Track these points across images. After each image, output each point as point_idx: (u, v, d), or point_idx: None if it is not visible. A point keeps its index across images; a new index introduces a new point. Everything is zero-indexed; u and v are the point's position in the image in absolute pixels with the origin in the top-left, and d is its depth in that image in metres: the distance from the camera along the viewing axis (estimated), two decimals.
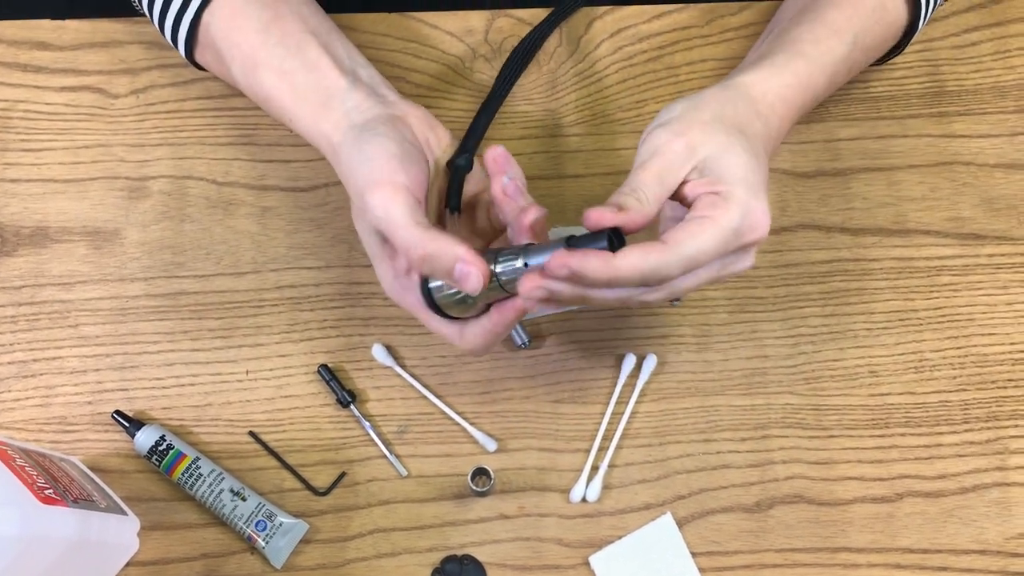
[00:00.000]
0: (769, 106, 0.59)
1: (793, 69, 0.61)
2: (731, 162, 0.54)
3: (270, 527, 0.64)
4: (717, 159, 0.55)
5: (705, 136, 0.55)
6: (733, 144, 0.55)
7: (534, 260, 0.54)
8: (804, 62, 0.61)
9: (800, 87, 0.61)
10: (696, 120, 0.56)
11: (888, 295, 0.71)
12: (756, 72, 0.60)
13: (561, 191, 0.72)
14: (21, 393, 0.67)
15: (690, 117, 0.56)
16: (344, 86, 0.60)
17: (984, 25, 0.77)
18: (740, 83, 0.59)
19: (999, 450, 0.67)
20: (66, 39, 0.75)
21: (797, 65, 0.61)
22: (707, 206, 0.53)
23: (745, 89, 0.59)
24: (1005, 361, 0.69)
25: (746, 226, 0.53)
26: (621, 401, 0.68)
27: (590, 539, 0.65)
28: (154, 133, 0.73)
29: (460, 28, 0.76)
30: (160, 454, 0.65)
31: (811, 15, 0.64)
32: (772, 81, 0.60)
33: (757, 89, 0.59)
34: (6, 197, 0.71)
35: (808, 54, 0.62)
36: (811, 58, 0.62)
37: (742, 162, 0.55)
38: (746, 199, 0.53)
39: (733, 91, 0.59)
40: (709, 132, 0.55)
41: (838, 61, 0.63)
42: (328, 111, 0.60)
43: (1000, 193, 0.73)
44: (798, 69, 0.61)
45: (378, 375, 0.68)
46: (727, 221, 0.52)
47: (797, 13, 0.66)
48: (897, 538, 0.66)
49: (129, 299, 0.69)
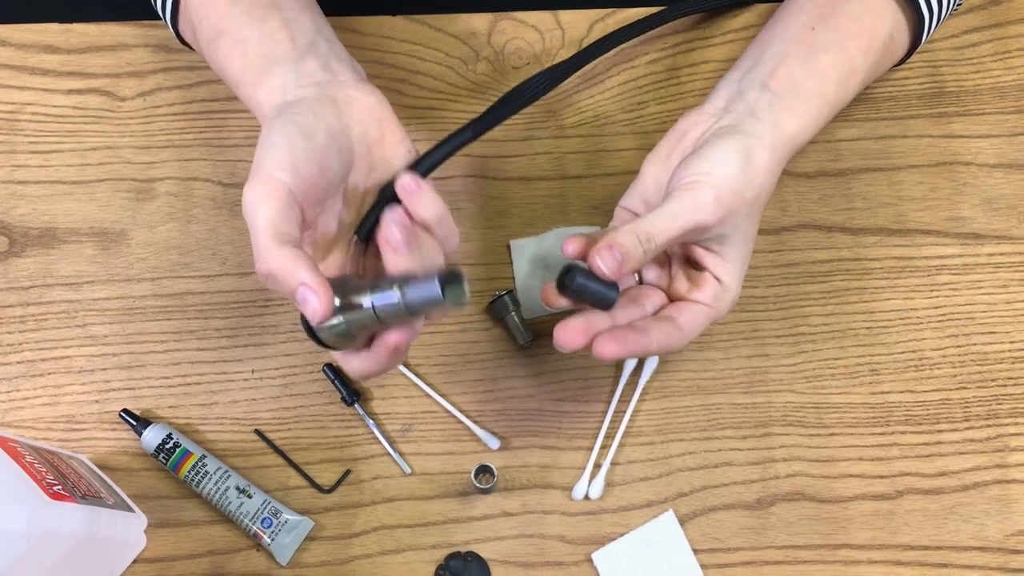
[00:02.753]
0: (790, 155, 0.61)
1: (819, 117, 0.62)
2: (742, 251, 0.59)
3: (275, 524, 0.64)
4: (733, 244, 0.58)
5: (738, 219, 0.57)
6: (749, 235, 0.59)
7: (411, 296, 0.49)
8: (828, 109, 0.62)
9: (816, 131, 0.63)
10: (741, 195, 0.57)
11: (888, 294, 0.71)
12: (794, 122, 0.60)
13: (563, 191, 0.73)
14: (30, 392, 0.68)
15: (739, 189, 0.56)
16: (292, 56, 0.57)
17: (984, 26, 0.77)
18: (783, 137, 0.60)
19: (999, 447, 0.68)
20: (73, 42, 0.75)
21: (822, 115, 0.62)
22: (712, 297, 0.58)
23: (787, 145, 0.60)
24: (1005, 359, 0.70)
25: (726, 312, 0.60)
26: (623, 399, 0.68)
27: (593, 536, 0.66)
28: (160, 135, 0.74)
29: (463, 31, 0.77)
30: (167, 452, 0.65)
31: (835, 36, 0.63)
32: (805, 135, 0.61)
33: (794, 144, 0.61)
34: (15, 198, 0.72)
35: (831, 101, 0.62)
36: (833, 104, 0.63)
37: (747, 252, 0.59)
38: (737, 289, 0.59)
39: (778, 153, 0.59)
40: (742, 217, 0.57)
41: (848, 101, 0.65)
42: (267, 79, 0.56)
43: (1000, 193, 0.74)
44: (823, 117, 0.62)
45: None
46: (720, 312, 0.59)
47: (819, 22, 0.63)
48: (898, 535, 0.66)
49: (136, 299, 0.70)
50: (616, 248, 0.53)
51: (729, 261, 0.58)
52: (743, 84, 0.62)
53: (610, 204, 0.72)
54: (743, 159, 0.57)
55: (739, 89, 0.62)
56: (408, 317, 0.50)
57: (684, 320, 0.58)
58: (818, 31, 0.63)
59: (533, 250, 0.71)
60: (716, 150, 0.57)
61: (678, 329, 0.57)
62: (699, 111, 0.62)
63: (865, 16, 0.63)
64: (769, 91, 0.61)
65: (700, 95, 0.76)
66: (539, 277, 0.71)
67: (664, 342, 0.56)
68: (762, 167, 0.58)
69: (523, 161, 0.74)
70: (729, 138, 0.58)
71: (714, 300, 0.58)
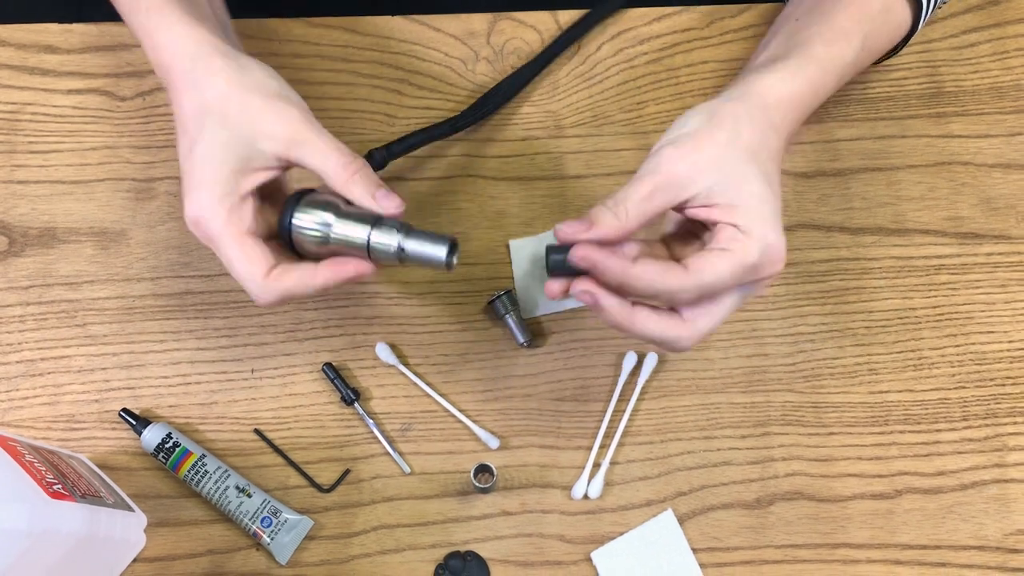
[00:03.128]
0: (783, 114, 0.59)
1: (807, 75, 0.60)
2: (747, 192, 0.54)
3: (275, 523, 0.64)
4: (731, 188, 0.54)
5: (716, 161, 0.54)
6: (748, 174, 0.55)
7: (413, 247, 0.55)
8: (816, 66, 0.61)
9: (812, 92, 0.61)
10: (709, 141, 0.55)
11: (887, 294, 0.71)
12: (770, 77, 0.59)
13: (562, 191, 0.73)
14: (29, 391, 0.68)
15: (704, 137, 0.55)
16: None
17: (982, 26, 0.78)
18: (755, 92, 0.58)
19: (997, 447, 0.68)
20: (73, 42, 0.76)
21: (810, 70, 0.60)
22: (727, 239, 0.53)
23: (761, 98, 0.58)
24: (1003, 359, 0.70)
25: (765, 261, 0.54)
26: (622, 399, 0.69)
27: (592, 535, 0.66)
28: (160, 135, 0.74)
29: (462, 31, 0.77)
30: (166, 451, 0.65)
31: (820, 16, 0.63)
32: (786, 87, 0.59)
33: (772, 96, 0.58)
34: (14, 198, 0.72)
35: (820, 58, 0.61)
36: (823, 62, 0.61)
37: (757, 192, 0.54)
38: (764, 234, 0.54)
39: (749, 102, 0.57)
40: (722, 157, 0.54)
41: (847, 64, 0.63)
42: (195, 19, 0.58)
43: (998, 193, 0.74)
44: (811, 74, 0.60)
45: (382, 373, 0.69)
46: (746, 256, 0.53)
47: (805, 13, 0.65)
48: (896, 534, 0.66)
49: (136, 298, 0.70)
50: (584, 217, 0.53)
51: (738, 205, 0.54)
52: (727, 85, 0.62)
53: None
54: (705, 115, 0.56)
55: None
56: (391, 261, 0.56)
57: (690, 260, 0.53)
58: (802, 19, 0.64)
59: (532, 250, 0.71)
60: (677, 122, 0.57)
61: (681, 267, 0.53)
62: None
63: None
64: (746, 72, 0.61)
65: (699, 95, 0.76)
66: (538, 277, 0.71)
67: (653, 273, 0.52)
68: (730, 113, 0.56)
69: (522, 161, 0.74)
70: (691, 110, 0.57)
71: (730, 243, 0.53)
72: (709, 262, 0.53)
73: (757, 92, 0.58)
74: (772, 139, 0.57)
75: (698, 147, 0.54)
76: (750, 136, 0.56)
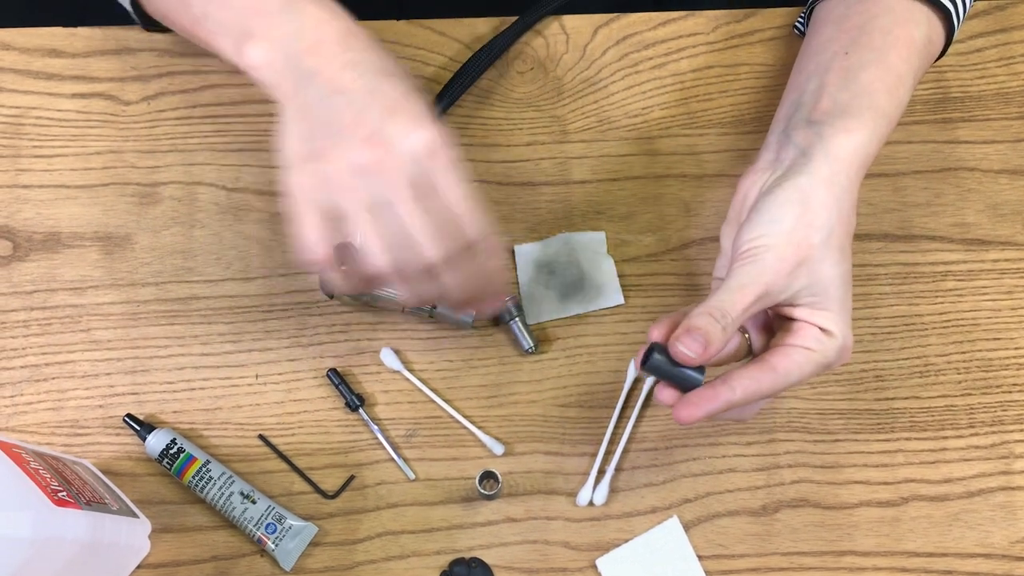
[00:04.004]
0: (859, 174, 0.59)
1: (880, 132, 0.59)
2: (835, 296, 0.56)
3: (280, 530, 0.64)
4: (820, 292, 0.55)
5: (811, 266, 0.55)
6: (836, 277, 0.56)
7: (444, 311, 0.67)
8: (885, 121, 0.60)
9: (880, 145, 0.60)
10: (807, 246, 0.55)
11: (893, 300, 0.71)
12: (850, 141, 0.58)
13: (567, 196, 0.73)
14: (34, 397, 0.68)
15: (801, 242, 0.55)
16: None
17: (988, 32, 0.77)
18: (841, 158, 0.57)
19: (1004, 454, 0.68)
20: (78, 46, 0.75)
21: (880, 127, 0.59)
22: (812, 339, 0.55)
23: (846, 167, 0.57)
24: (1010, 365, 0.70)
25: (839, 359, 0.56)
26: (628, 405, 0.68)
27: (597, 542, 0.66)
28: (165, 139, 0.74)
29: (468, 35, 0.77)
30: (171, 457, 0.65)
31: (871, 53, 0.61)
32: (865, 149, 0.58)
33: (856, 164, 0.58)
34: (19, 203, 0.72)
35: (887, 112, 0.60)
36: (889, 115, 0.60)
37: (842, 296, 0.56)
38: (845, 335, 0.56)
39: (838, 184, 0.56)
40: (816, 263, 0.55)
41: (904, 106, 0.62)
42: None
43: (1005, 199, 0.73)
44: (882, 131, 0.60)
45: (386, 379, 0.69)
46: (826, 356, 0.55)
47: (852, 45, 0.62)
48: (902, 542, 0.66)
49: (140, 304, 0.70)
50: (695, 332, 0.53)
51: (826, 308, 0.56)
52: (789, 127, 0.60)
53: (614, 209, 0.72)
54: (799, 207, 0.56)
55: (786, 133, 0.60)
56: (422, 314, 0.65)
57: (777, 360, 0.55)
58: (852, 54, 0.62)
59: (537, 255, 0.71)
60: (768, 208, 0.56)
61: (770, 369, 0.54)
62: (754, 169, 0.60)
63: (897, 27, 0.62)
64: (816, 124, 0.59)
65: (704, 100, 0.76)
66: (543, 283, 0.71)
67: (751, 387, 0.54)
68: (823, 205, 0.56)
69: (527, 166, 0.74)
70: (780, 190, 0.56)
71: (815, 343, 0.55)
72: (796, 363, 0.55)
73: (844, 162, 0.57)
74: (852, 215, 0.58)
75: (798, 256, 0.55)
76: (840, 229, 0.56)
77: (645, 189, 0.73)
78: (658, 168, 0.74)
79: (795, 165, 0.58)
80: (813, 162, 0.57)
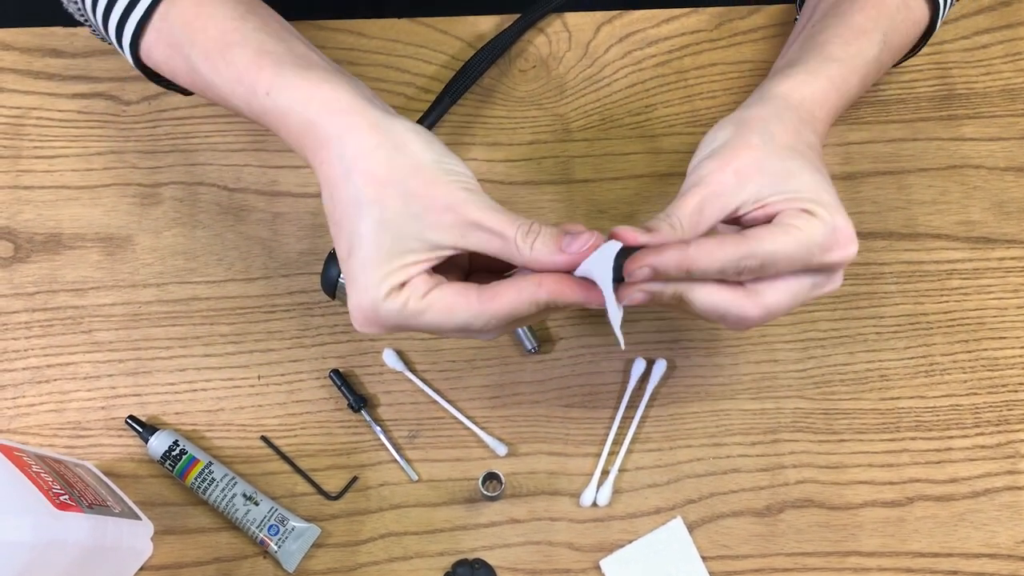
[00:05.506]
0: (810, 112, 0.58)
1: (827, 74, 0.59)
2: (798, 184, 0.53)
3: (282, 531, 0.64)
4: (780, 185, 0.53)
5: (758, 164, 0.53)
6: (792, 169, 0.54)
7: None
8: (836, 65, 0.60)
9: (835, 91, 0.59)
10: (744, 145, 0.54)
11: (898, 299, 0.71)
12: (790, 80, 0.58)
13: (570, 196, 0.73)
14: (35, 399, 0.68)
15: (738, 144, 0.54)
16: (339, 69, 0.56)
17: (994, 28, 0.77)
18: (777, 94, 0.57)
19: (1010, 454, 0.67)
20: (78, 46, 0.75)
21: (830, 69, 0.59)
22: (791, 215, 0.52)
23: (784, 100, 0.57)
24: (1016, 364, 0.69)
25: (832, 242, 0.52)
26: (631, 405, 0.68)
27: (600, 543, 0.66)
28: (166, 140, 0.73)
29: (470, 33, 0.76)
30: (173, 459, 0.65)
31: (835, 19, 0.62)
32: (808, 87, 0.58)
33: (795, 97, 0.57)
34: (20, 204, 0.72)
35: (839, 57, 0.60)
36: (842, 61, 0.60)
37: (810, 180, 0.53)
38: (830, 216, 0.52)
39: (773, 104, 0.57)
40: (762, 159, 0.53)
41: (870, 61, 0.61)
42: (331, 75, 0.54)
43: (1010, 196, 0.73)
44: (831, 73, 0.59)
45: (389, 380, 0.69)
46: (811, 234, 0.51)
47: (820, 18, 0.64)
48: (908, 542, 0.66)
49: (142, 305, 0.70)
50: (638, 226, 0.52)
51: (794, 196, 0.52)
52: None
53: (617, 208, 0.72)
54: (734, 126, 0.55)
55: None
56: None
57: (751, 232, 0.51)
58: (817, 24, 0.63)
59: None
60: (708, 137, 0.56)
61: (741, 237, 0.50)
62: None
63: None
64: (766, 80, 0.60)
65: (708, 98, 0.75)
66: None
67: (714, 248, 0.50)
68: (757, 119, 0.55)
69: (530, 165, 0.73)
70: (718, 123, 0.57)
71: (795, 221, 0.51)
72: (770, 232, 0.51)
73: (779, 95, 0.57)
74: (806, 134, 0.56)
75: (735, 154, 0.53)
76: (783, 134, 0.55)
77: (648, 188, 0.73)
78: (661, 167, 0.73)
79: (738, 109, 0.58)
80: (746, 102, 0.58)
